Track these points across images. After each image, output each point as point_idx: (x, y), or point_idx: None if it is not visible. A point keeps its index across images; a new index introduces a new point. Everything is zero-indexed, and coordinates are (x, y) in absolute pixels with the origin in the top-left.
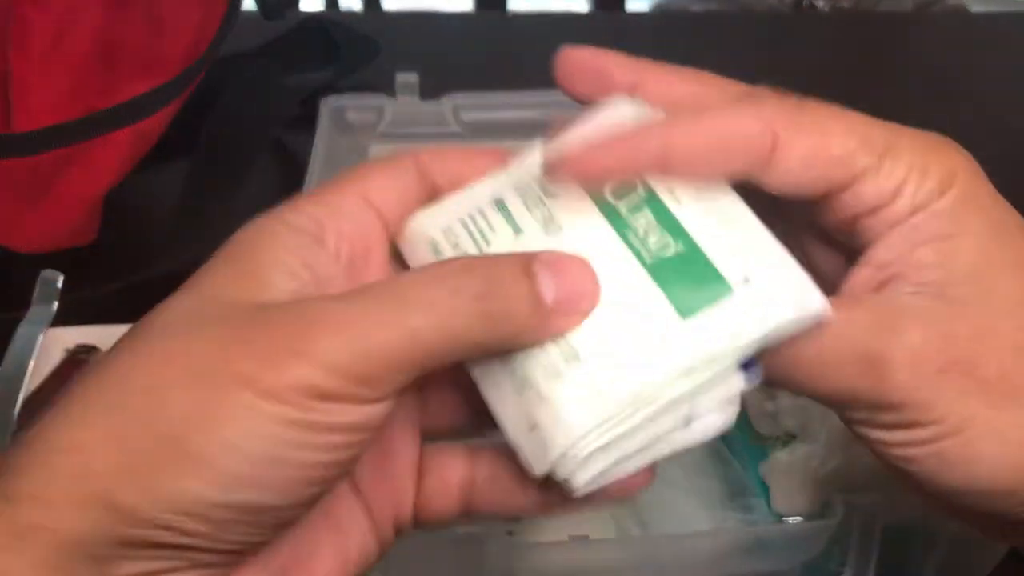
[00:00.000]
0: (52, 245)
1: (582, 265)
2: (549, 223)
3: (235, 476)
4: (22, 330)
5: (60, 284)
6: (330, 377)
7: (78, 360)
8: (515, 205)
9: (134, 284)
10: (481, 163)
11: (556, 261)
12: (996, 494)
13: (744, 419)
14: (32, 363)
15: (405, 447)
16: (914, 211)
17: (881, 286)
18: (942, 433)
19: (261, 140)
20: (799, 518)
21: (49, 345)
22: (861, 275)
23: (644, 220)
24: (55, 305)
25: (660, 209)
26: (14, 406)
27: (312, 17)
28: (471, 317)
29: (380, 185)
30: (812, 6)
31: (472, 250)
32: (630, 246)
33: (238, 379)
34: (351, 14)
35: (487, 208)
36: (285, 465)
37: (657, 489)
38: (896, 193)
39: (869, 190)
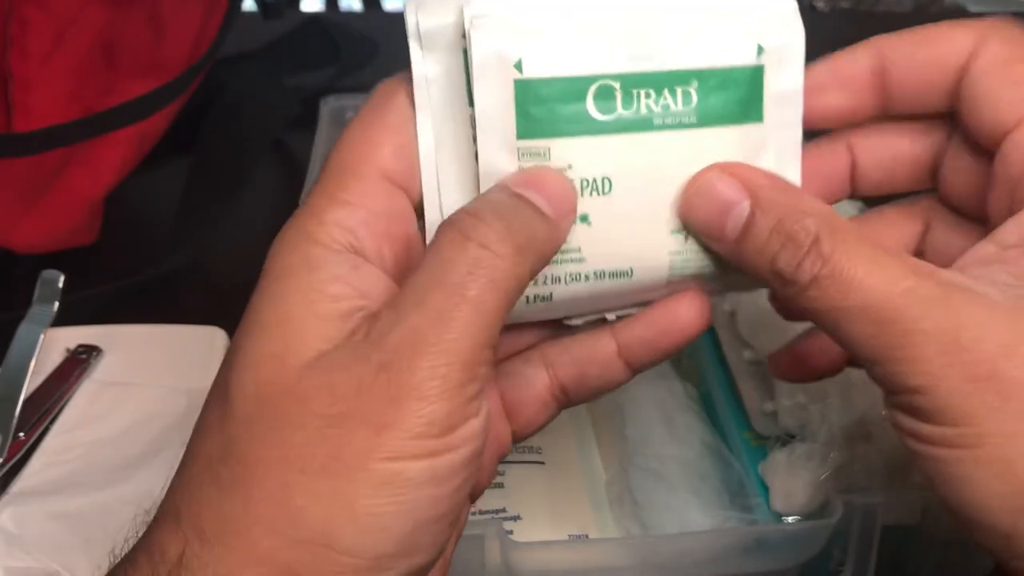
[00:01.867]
0: (53, 245)
1: (547, 171)
2: None
3: (386, 555)
4: (23, 330)
5: (61, 284)
6: (443, 400)
7: (79, 360)
8: None
9: (134, 284)
10: None
11: (530, 177)
12: (993, 532)
13: (744, 419)
14: (33, 363)
15: (492, 401)
16: None
17: (990, 264)
18: (952, 439)
19: (261, 140)
20: (798, 518)
21: (50, 345)
22: (980, 250)
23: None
24: (56, 305)
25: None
26: (15, 406)
27: (312, 17)
28: (508, 258)
29: (393, 153)
30: (812, 6)
31: None
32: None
33: (363, 457)
34: (351, 14)
35: None
36: (430, 524)
37: (657, 489)
38: None
39: None
